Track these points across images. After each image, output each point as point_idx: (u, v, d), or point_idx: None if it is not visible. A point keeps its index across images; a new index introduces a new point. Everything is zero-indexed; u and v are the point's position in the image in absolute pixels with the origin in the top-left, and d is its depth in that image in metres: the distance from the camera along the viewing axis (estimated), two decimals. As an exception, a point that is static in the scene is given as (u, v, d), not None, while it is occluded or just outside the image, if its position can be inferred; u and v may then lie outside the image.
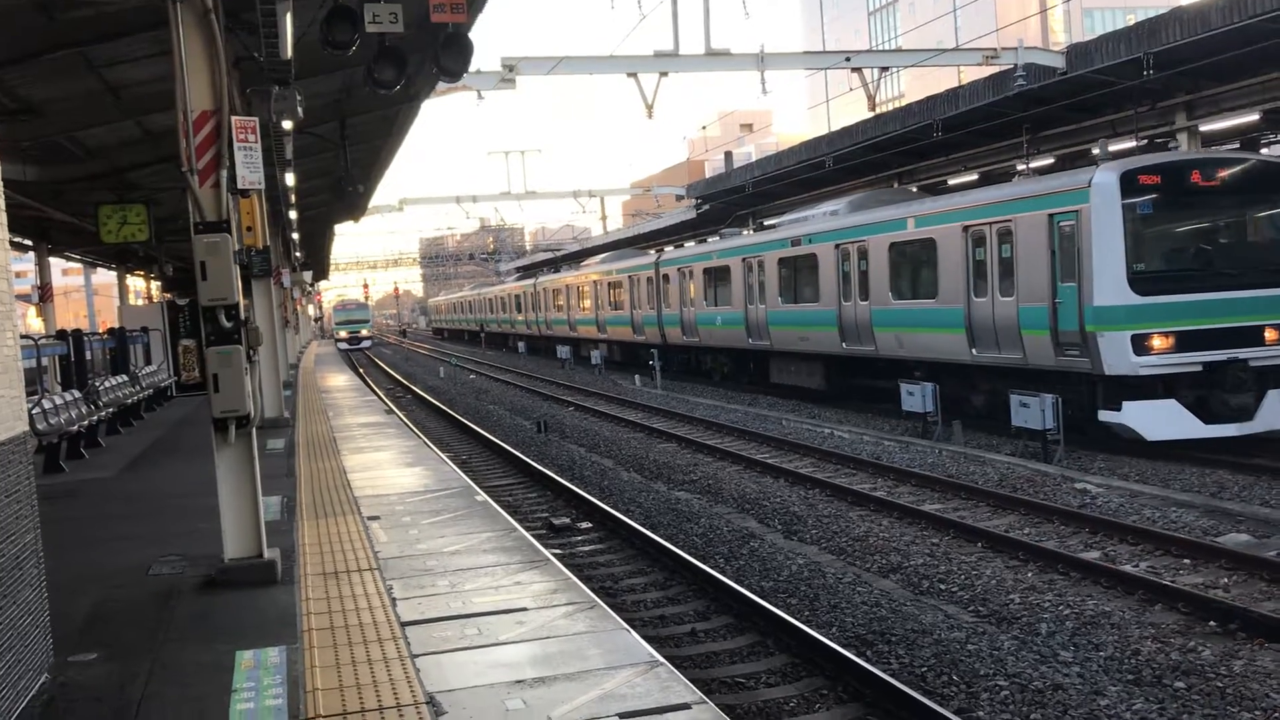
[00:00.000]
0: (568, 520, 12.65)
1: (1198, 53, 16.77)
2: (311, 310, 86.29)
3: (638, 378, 31.77)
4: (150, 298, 42.73)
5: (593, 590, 7.71)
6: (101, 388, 17.59)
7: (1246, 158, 15.92)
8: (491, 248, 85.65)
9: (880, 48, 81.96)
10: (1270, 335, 14.62)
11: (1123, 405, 14.53)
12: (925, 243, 18.42)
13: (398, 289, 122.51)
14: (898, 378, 19.12)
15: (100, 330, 27.86)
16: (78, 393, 16.19)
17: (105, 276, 46.44)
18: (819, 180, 29.82)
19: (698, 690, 5.30)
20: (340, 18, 8.92)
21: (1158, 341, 14.33)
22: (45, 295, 24.16)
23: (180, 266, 30.58)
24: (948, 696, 6.98)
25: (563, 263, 57.89)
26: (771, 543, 11.29)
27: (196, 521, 9.68)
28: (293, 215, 24.59)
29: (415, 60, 11.03)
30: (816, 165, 27.72)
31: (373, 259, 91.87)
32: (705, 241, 33.53)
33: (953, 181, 24.83)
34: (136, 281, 42.88)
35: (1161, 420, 14.35)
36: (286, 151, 15.12)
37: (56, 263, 29.08)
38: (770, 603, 8.73)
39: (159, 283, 35.95)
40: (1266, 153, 19.71)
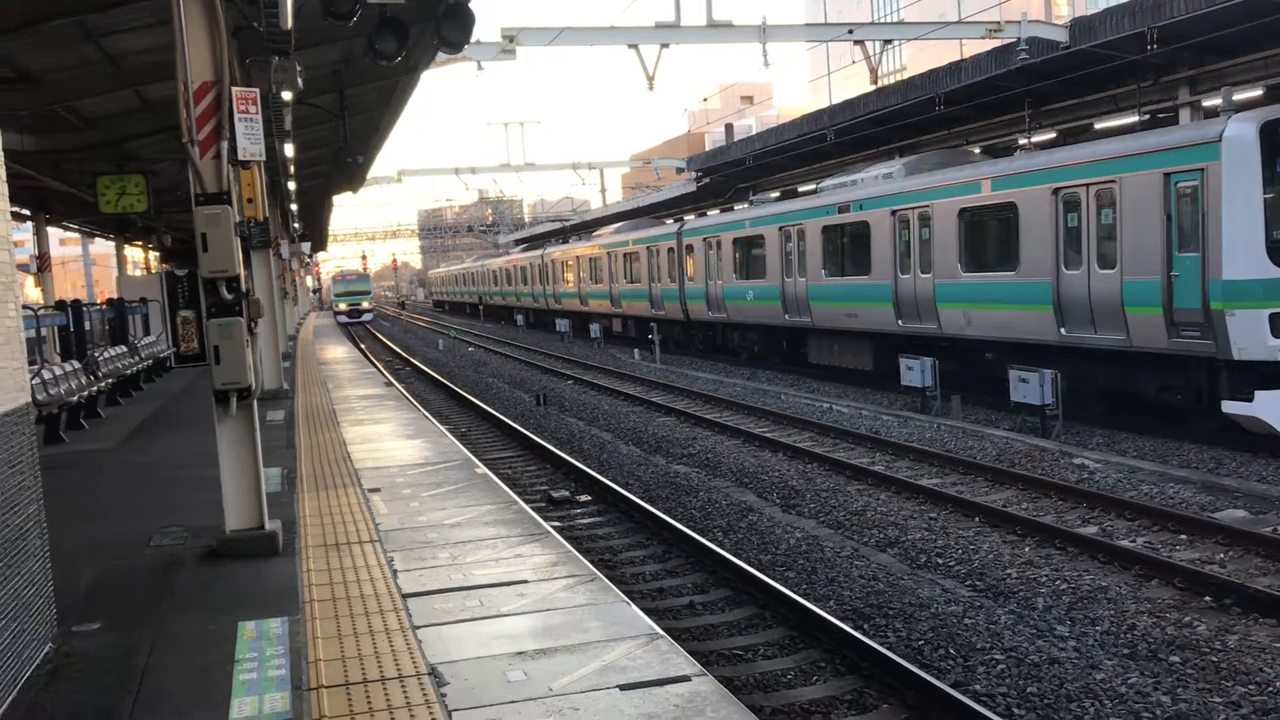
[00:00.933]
0: (567, 493, 12.69)
1: (1202, 27, 16.68)
2: (310, 282, 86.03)
3: (637, 352, 31.78)
4: (149, 268, 42.67)
5: (592, 563, 7.75)
6: (101, 358, 17.59)
7: None
8: (490, 220, 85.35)
9: (883, 20, 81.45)
10: None
11: (1255, 395, 12.61)
12: (1003, 207, 16.65)
13: (396, 261, 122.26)
14: (961, 359, 17.82)
15: (99, 301, 27.83)
16: (77, 363, 16.18)
17: (103, 246, 46.36)
18: (820, 154, 29.70)
19: (697, 662, 5.34)
20: (341, -12, 8.86)
21: None
22: (44, 265, 24.15)
23: (179, 237, 30.53)
24: (944, 670, 7.03)
25: (571, 233, 55.68)
26: (770, 516, 11.34)
27: (197, 493, 9.71)
28: (291, 186, 24.48)
29: (416, 31, 10.97)
30: (818, 138, 27.60)
31: (371, 230, 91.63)
32: (733, 209, 31.20)
33: (1025, 141, 22.23)
34: (135, 252, 42.77)
35: None
36: (285, 122, 15.04)
37: (54, 232, 28.99)
38: (768, 576, 8.78)
39: (157, 253, 35.89)
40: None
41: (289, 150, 17.87)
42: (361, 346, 39.83)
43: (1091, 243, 14.87)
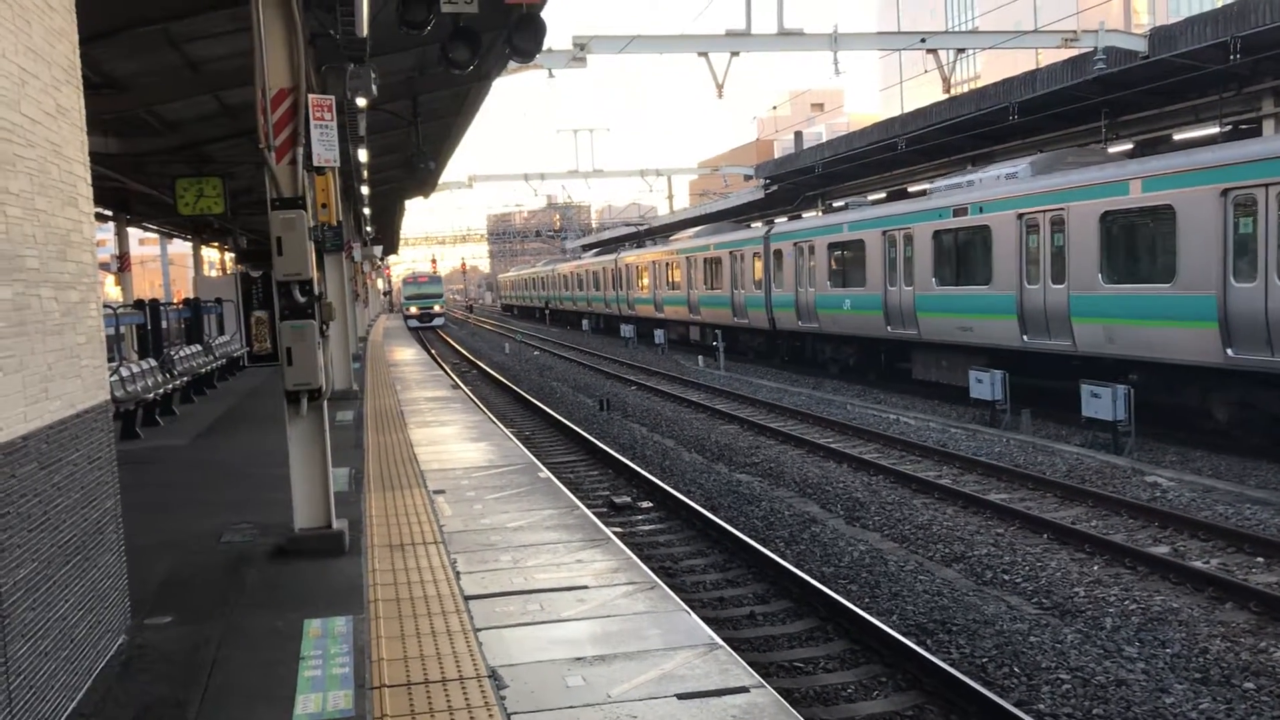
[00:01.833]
0: (629, 499, 12.72)
1: (1288, 37, 16.29)
2: (380, 284, 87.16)
3: (701, 359, 31.74)
4: (224, 269, 43.61)
5: (652, 570, 7.75)
6: (176, 357, 18.03)
7: None
8: (558, 225, 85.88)
9: (956, 29, 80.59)
10: None
11: None
12: (1157, 211, 14.98)
13: (465, 264, 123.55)
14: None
15: (175, 300, 28.49)
16: (154, 361, 16.61)
17: (180, 247, 47.42)
18: (891, 162, 29.49)
19: (756, 674, 5.32)
20: (416, -3, 8.99)
21: None
22: (124, 265, 24.83)
23: (254, 239, 31.20)
24: (1008, 688, 6.92)
25: (645, 238, 54.03)
26: (833, 528, 11.26)
27: (267, 491, 9.90)
28: (364, 190, 24.90)
29: (488, 40, 11.10)
30: (889, 147, 27.42)
31: (441, 234, 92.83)
32: (830, 212, 29.34)
33: (1181, 136, 20.60)
34: (211, 253, 43.74)
35: None
36: (360, 128, 15.33)
37: (134, 232, 29.75)
38: (830, 588, 8.72)
39: (233, 254, 36.66)
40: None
41: (363, 155, 18.19)
42: (429, 349, 40.31)
43: (1272, 252, 13.25)
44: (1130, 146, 18.40)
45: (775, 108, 55.61)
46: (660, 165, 54.49)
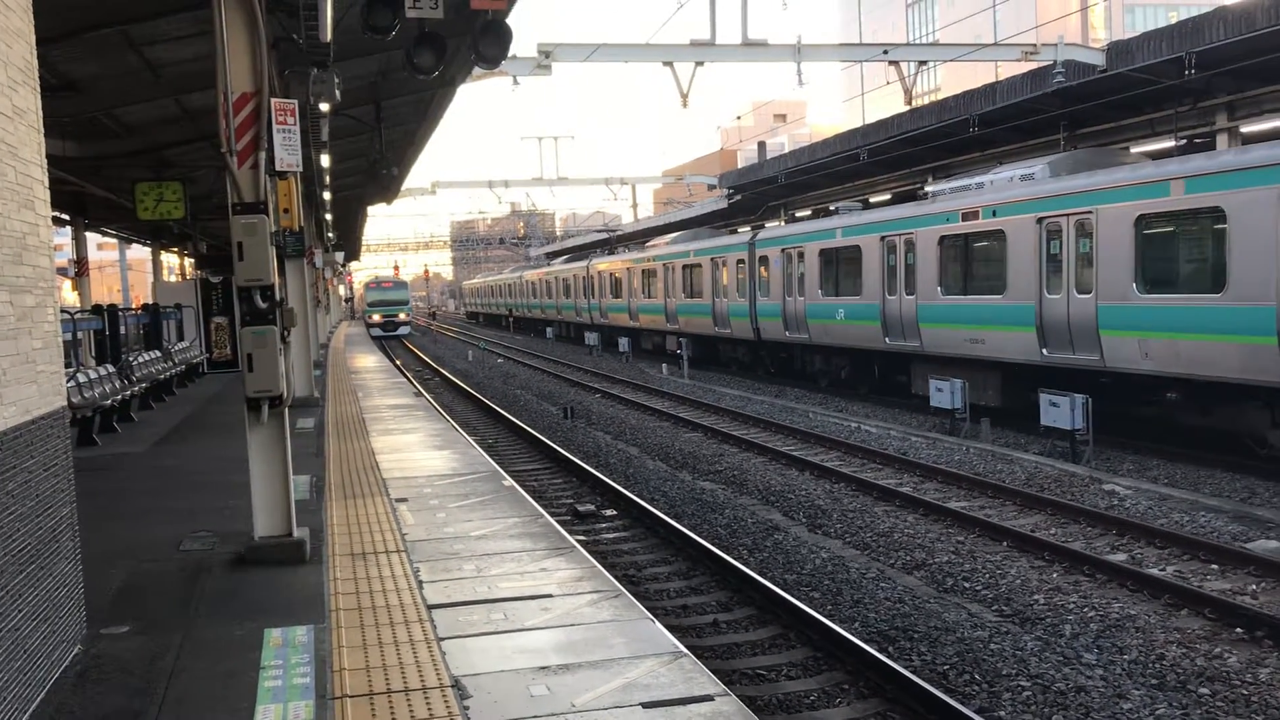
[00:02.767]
0: (592, 507, 12.69)
1: (1241, 53, 16.58)
2: (342, 290, 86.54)
3: (665, 366, 31.76)
4: (184, 274, 43.11)
5: (616, 578, 7.74)
6: (135, 363, 17.80)
7: None
8: (522, 232, 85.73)
9: (918, 41, 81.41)
10: None
11: None
12: (1205, 214, 13.74)
13: (428, 271, 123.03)
14: (1123, 397, 15.34)
15: (134, 306, 28.13)
16: (112, 367, 16.39)
17: (139, 252, 46.89)
18: (853, 173, 29.69)
19: (720, 682, 5.32)
20: (381, 3, 8.95)
21: None
22: (81, 269, 24.48)
23: (214, 244, 30.89)
24: (969, 695, 6.97)
25: (619, 244, 52.24)
26: (796, 536, 11.30)
27: (227, 498, 9.80)
28: (326, 196, 24.74)
29: (454, 46, 11.07)
30: (851, 158, 27.61)
31: (404, 241, 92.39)
32: (822, 216, 28.17)
33: (1138, 150, 19.69)
34: (170, 258, 43.26)
35: None
36: (323, 133, 15.23)
37: (91, 237, 29.38)
38: (793, 595, 8.75)
39: (192, 259, 36.28)
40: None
41: (325, 161, 18.07)
42: (392, 356, 40.07)
43: None
44: (1170, 144, 17.54)
45: (739, 118, 55.88)
46: (625, 174, 54.28)
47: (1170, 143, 19.00)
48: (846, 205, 26.31)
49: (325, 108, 13.13)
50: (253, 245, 7.37)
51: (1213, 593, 8.78)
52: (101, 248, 60.36)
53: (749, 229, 32.18)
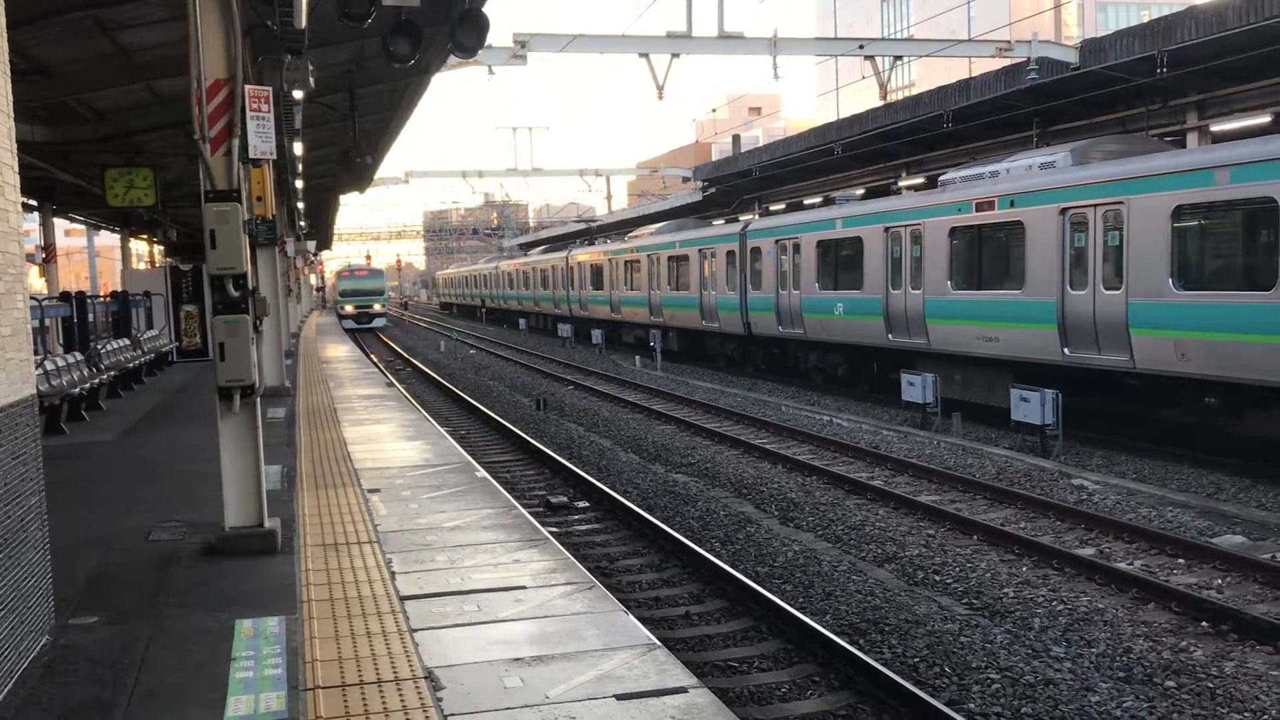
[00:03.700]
0: (565, 499, 12.69)
1: (1212, 52, 16.76)
2: (314, 279, 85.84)
3: (638, 359, 31.76)
4: (153, 262, 42.73)
5: (589, 570, 7.75)
6: (103, 351, 17.62)
7: None
8: (495, 223, 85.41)
9: (893, 36, 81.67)
10: None
11: None
12: (1256, 204, 12.69)
13: (400, 261, 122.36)
14: (1153, 399, 14.44)
15: (103, 293, 27.86)
16: (80, 355, 16.22)
17: (108, 239, 46.41)
18: (827, 167, 29.79)
19: (693, 674, 5.34)
20: (356, -11, 8.90)
21: None
22: (49, 256, 24.21)
23: (184, 232, 30.60)
24: (939, 688, 7.03)
25: (598, 234, 51.10)
26: (768, 528, 11.34)
27: (197, 488, 9.72)
28: (299, 184, 24.56)
29: (430, 34, 11.01)
30: (825, 152, 27.72)
31: (376, 230, 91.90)
32: (818, 205, 26.75)
33: (1237, 125, 18.04)
34: (139, 245, 42.85)
35: None
36: (296, 121, 15.12)
37: (59, 223, 29.03)
38: (765, 588, 8.78)
39: (162, 247, 35.94)
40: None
41: (298, 149, 17.95)
42: (363, 346, 39.86)
43: None
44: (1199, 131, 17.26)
45: (714, 110, 55.80)
46: (600, 165, 54.13)
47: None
48: (844, 195, 25.24)
49: (299, 95, 13.04)
50: (225, 233, 7.31)
51: (1179, 587, 8.88)
52: (69, 234, 59.68)
53: (740, 219, 31.34)
